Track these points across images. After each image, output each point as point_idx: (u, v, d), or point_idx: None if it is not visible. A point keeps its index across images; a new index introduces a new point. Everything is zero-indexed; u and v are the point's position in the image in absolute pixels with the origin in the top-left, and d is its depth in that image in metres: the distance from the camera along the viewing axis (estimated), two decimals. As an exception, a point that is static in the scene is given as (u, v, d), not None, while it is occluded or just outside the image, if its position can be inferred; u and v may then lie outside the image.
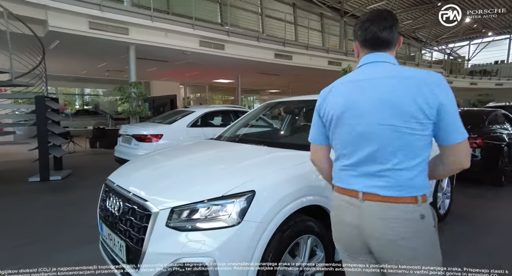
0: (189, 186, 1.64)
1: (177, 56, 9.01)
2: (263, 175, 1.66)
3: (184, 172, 1.88)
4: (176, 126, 4.96)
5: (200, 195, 1.53)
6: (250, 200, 1.49)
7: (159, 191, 1.66)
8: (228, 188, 1.51)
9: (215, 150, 2.38)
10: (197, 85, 19.09)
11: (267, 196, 1.55)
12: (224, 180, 1.63)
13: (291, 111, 3.07)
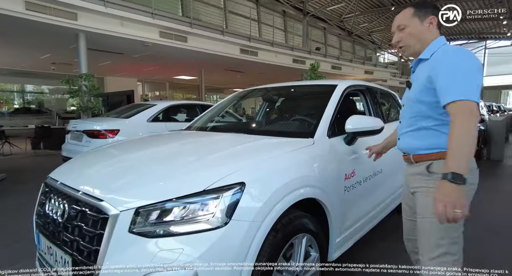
0: (158, 181, 1.28)
1: (134, 48, 8.29)
2: (252, 163, 1.37)
3: (150, 165, 1.50)
4: (134, 121, 4.44)
5: (173, 190, 1.19)
6: (239, 194, 1.19)
7: (118, 189, 1.28)
8: (211, 180, 1.19)
9: (188, 139, 2.02)
10: (157, 82, 18.06)
11: (259, 189, 1.26)
12: (204, 170, 1.31)
13: (269, 98, 2.79)
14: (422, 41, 1.25)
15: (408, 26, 1.26)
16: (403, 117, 1.36)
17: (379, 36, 23.57)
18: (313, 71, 7.68)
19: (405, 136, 1.32)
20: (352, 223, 1.91)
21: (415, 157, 1.28)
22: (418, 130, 1.25)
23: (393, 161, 2.48)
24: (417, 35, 1.25)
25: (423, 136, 1.24)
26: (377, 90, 2.83)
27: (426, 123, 1.22)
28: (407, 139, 1.31)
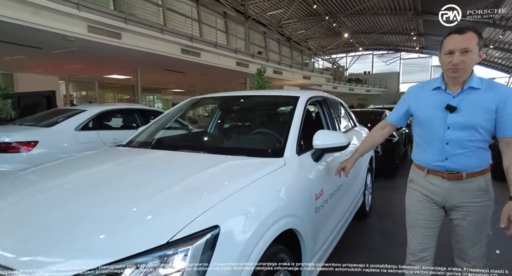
0: (98, 234, 0.94)
1: (54, 42, 7.10)
2: (222, 197, 1.12)
3: (83, 209, 1.10)
4: (58, 130, 3.71)
5: (122, 247, 0.88)
6: (213, 242, 0.95)
7: (39, 250, 0.90)
8: (175, 228, 0.92)
9: (132, 164, 1.63)
10: (84, 80, 16.06)
11: (237, 231, 1.03)
12: (163, 214, 1.01)
13: (225, 109, 2.54)
14: (469, 71, 1.37)
15: (472, 53, 1.32)
16: (451, 141, 1.41)
17: (314, 43, 25.08)
18: (260, 76, 7.65)
19: (459, 157, 1.41)
20: (321, 244, 1.80)
21: (469, 174, 1.42)
22: (475, 151, 1.40)
23: (352, 172, 2.50)
24: (473, 64, 1.35)
25: (479, 156, 1.41)
26: (330, 99, 2.83)
27: (483, 144, 1.40)
28: (463, 160, 1.41)
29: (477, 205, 1.42)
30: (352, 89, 24.48)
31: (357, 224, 3.06)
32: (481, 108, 1.35)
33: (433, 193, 1.50)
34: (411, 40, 22.55)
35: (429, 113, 1.45)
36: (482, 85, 1.37)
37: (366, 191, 3.28)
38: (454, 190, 1.44)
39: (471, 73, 1.39)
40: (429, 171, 1.50)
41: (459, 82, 1.39)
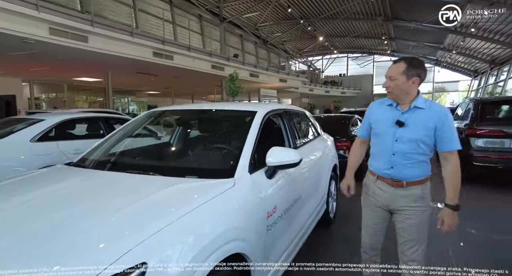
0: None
1: (12, 43, 6.70)
2: (157, 230, 1.09)
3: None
4: (10, 141, 3.49)
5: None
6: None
7: None
8: (95, 270, 0.88)
9: (71, 189, 1.55)
10: (52, 83, 15.28)
11: (169, 264, 1.01)
12: (84, 253, 0.96)
13: (183, 123, 2.49)
14: (407, 93, 1.59)
15: (397, 80, 1.58)
16: (397, 152, 1.61)
17: (291, 46, 25.40)
18: (232, 81, 7.61)
19: (402, 167, 1.61)
20: (276, 259, 1.81)
21: (409, 183, 1.62)
22: (415, 163, 1.60)
23: (310, 185, 2.54)
24: (403, 89, 1.58)
25: (420, 168, 1.62)
26: (292, 111, 2.86)
27: (424, 158, 1.61)
28: (405, 170, 1.62)
29: (415, 209, 1.63)
30: (328, 91, 25.02)
31: (321, 231, 3.12)
32: (423, 125, 1.57)
33: (380, 197, 1.71)
34: (382, 44, 23.39)
35: (384, 127, 1.67)
36: (426, 105, 1.59)
37: (330, 199, 3.35)
38: (396, 196, 1.66)
39: (417, 94, 1.61)
40: (378, 177, 1.70)
41: (405, 102, 1.61)
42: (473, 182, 4.98)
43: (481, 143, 4.73)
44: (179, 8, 15.58)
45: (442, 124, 1.54)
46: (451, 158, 1.56)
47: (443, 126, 1.54)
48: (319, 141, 3.21)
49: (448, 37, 18.06)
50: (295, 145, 2.54)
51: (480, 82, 22.10)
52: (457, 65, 24.96)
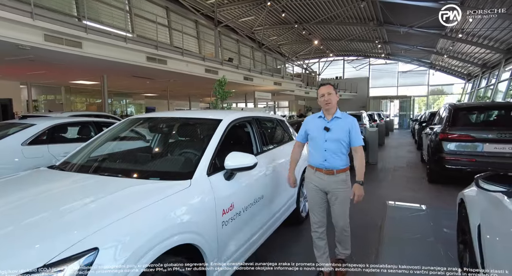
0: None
1: (8, 49, 6.94)
2: (111, 222, 1.32)
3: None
4: (3, 145, 3.73)
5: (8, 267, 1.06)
6: (89, 262, 1.15)
7: None
8: (55, 251, 1.11)
9: (46, 186, 1.79)
10: (49, 86, 15.53)
11: (116, 251, 1.24)
12: (50, 237, 1.20)
13: (157, 130, 2.74)
14: (333, 107, 2.27)
15: (332, 94, 2.26)
16: (327, 149, 2.25)
17: (287, 49, 25.69)
18: (221, 86, 7.84)
19: (331, 159, 2.25)
20: (232, 252, 2.03)
21: (338, 171, 2.25)
22: (340, 156, 2.25)
23: (275, 185, 2.77)
24: (335, 102, 2.27)
25: (342, 159, 2.26)
26: (264, 119, 3.10)
27: (345, 151, 2.28)
28: (333, 161, 2.25)
29: (341, 190, 2.27)
30: (324, 93, 25.24)
31: (292, 229, 3.34)
32: (342, 129, 2.25)
33: (318, 183, 2.32)
34: (377, 48, 23.67)
35: (316, 132, 2.31)
36: (342, 116, 2.30)
37: (301, 199, 3.57)
38: (330, 181, 2.28)
39: (336, 109, 2.29)
40: (316, 169, 2.31)
41: (330, 113, 2.29)
42: (446, 183, 5.25)
43: (453, 147, 4.96)
44: (176, 13, 15.86)
45: (352, 128, 2.24)
46: (358, 150, 2.28)
47: (353, 129, 2.24)
48: (290, 145, 3.44)
49: (439, 41, 18.34)
50: (262, 149, 2.77)
51: (473, 85, 22.38)
52: (451, 69, 25.23)
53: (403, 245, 3.09)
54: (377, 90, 28.89)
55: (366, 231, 3.39)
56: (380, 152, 9.68)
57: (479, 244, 1.94)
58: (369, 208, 4.09)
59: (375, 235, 3.28)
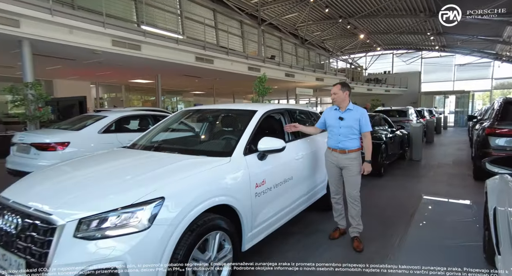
0: (98, 196, 1.69)
1: (85, 55, 8.22)
2: (172, 181, 1.82)
3: (92, 182, 1.90)
4: (85, 133, 4.61)
5: (110, 204, 1.61)
6: (159, 205, 1.65)
7: (65, 203, 1.66)
8: (138, 196, 1.63)
9: (126, 159, 2.40)
10: (112, 84, 17.55)
11: (176, 201, 1.72)
12: (134, 188, 1.73)
13: (205, 119, 3.28)
14: (344, 101, 2.86)
15: (336, 95, 2.86)
16: (341, 134, 2.84)
17: (331, 44, 25.23)
18: (261, 83, 8.26)
19: (344, 142, 2.84)
20: (263, 220, 2.45)
21: (349, 151, 2.83)
22: (351, 139, 2.83)
23: (304, 170, 3.11)
24: (342, 98, 2.85)
25: (353, 142, 2.83)
26: (295, 111, 3.46)
27: (354, 136, 2.84)
28: (346, 143, 2.83)
29: (353, 165, 2.84)
30: (371, 89, 24.36)
31: (321, 213, 3.64)
32: (353, 118, 2.83)
33: (334, 161, 2.92)
34: (429, 40, 22.07)
35: (332, 121, 2.92)
36: (354, 108, 2.88)
37: (332, 186, 3.84)
38: (343, 159, 2.86)
39: (348, 102, 2.88)
40: (333, 150, 2.92)
41: (343, 106, 2.89)
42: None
43: (502, 143, 4.76)
44: (222, 14, 16.69)
45: (361, 117, 2.82)
46: (366, 135, 2.85)
47: (362, 118, 2.82)
48: (320, 136, 3.73)
49: (506, 29, 16.54)
50: (293, 138, 3.13)
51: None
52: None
53: (429, 233, 3.22)
54: (430, 85, 26.89)
55: (396, 218, 3.55)
56: (426, 149, 9.33)
57: (495, 227, 2.07)
58: (403, 201, 4.20)
59: (404, 222, 3.44)
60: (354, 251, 2.75)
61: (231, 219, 2.10)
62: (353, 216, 2.89)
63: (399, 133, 7.26)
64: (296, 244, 2.90)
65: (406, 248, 2.82)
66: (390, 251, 2.75)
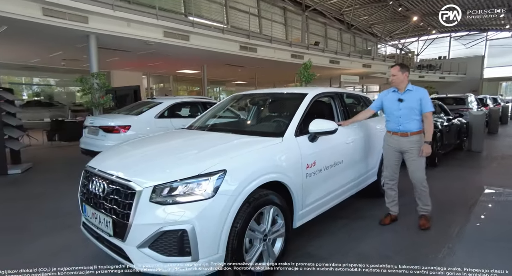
0: (168, 168, 1.89)
1: (140, 46, 8.83)
2: (232, 157, 1.96)
3: (161, 156, 2.12)
4: (143, 117, 5.04)
5: (179, 174, 1.79)
6: (222, 177, 1.79)
7: (140, 173, 1.89)
8: (203, 168, 1.80)
9: (188, 137, 2.62)
10: (161, 75, 18.62)
11: (236, 174, 1.86)
12: (199, 161, 1.90)
13: (255, 103, 3.39)
14: (403, 82, 2.79)
15: (395, 76, 2.80)
16: (401, 116, 2.78)
17: (379, 29, 23.71)
18: (306, 69, 8.14)
19: (405, 124, 2.78)
20: (313, 201, 2.51)
21: (411, 133, 2.77)
22: (412, 121, 2.77)
23: (355, 154, 3.08)
24: (400, 79, 2.79)
25: (414, 124, 2.77)
26: (347, 94, 3.41)
27: (416, 117, 2.77)
28: (407, 125, 2.77)
29: (416, 148, 2.78)
30: (423, 76, 22.58)
31: (370, 200, 3.59)
32: (413, 99, 2.76)
33: (394, 145, 2.86)
34: (498, 18, 19.58)
35: (390, 103, 2.88)
36: (413, 88, 2.81)
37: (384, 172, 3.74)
38: (404, 142, 2.81)
39: (406, 84, 2.81)
40: (393, 133, 2.87)
41: (401, 88, 2.83)
42: None
43: None
44: (265, 1, 16.56)
45: (422, 97, 2.74)
46: (428, 116, 2.75)
47: (423, 98, 2.74)
48: (372, 121, 3.63)
49: None
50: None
51: None
52: None
53: (490, 227, 3.00)
54: (495, 70, 24.09)
55: (453, 208, 3.37)
56: (489, 140, 8.50)
57: None
58: (460, 192, 3.95)
59: (462, 213, 3.25)
60: (419, 229, 2.81)
61: (283, 197, 2.20)
62: (422, 199, 2.86)
63: (457, 121, 6.71)
64: (345, 227, 2.92)
65: (465, 241, 2.66)
66: (449, 241, 2.63)
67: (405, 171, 2.90)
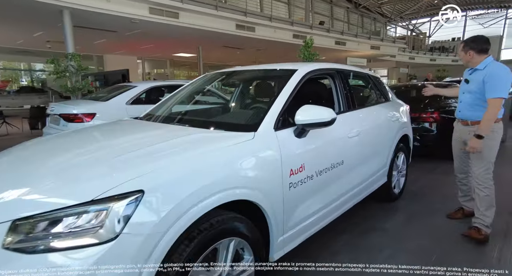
0: (44, 190, 1.16)
1: (124, 25, 7.99)
2: (161, 165, 1.23)
3: (44, 170, 1.35)
4: (112, 104, 4.30)
5: (58, 201, 1.07)
6: (134, 204, 1.07)
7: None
8: (102, 189, 1.07)
9: (116, 134, 1.87)
10: (157, 59, 17.71)
11: (163, 196, 1.14)
12: (99, 177, 1.17)
13: (230, 84, 2.61)
14: (470, 62, 2.27)
15: (459, 55, 2.39)
16: (463, 101, 2.35)
17: (389, 8, 22.21)
18: (307, 48, 7.25)
19: (464, 110, 2.34)
20: (300, 219, 1.79)
21: (472, 122, 2.29)
22: (473, 108, 2.27)
23: (360, 151, 2.33)
24: (467, 59, 2.28)
25: (476, 111, 2.25)
26: (348, 72, 2.60)
27: (478, 103, 2.23)
28: (466, 112, 2.33)
29: None
30: (434, 59, 21.25)
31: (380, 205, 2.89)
32: (477, 81, 2.21)
33: (457, 132, 2.48)
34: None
35: (462, 84, 2.41)
36: (485, 66, 2.18)
37: (395, 173, 3.00)
38: (464, 131, 2.38)
39: (480, 61, 2.21)
40: (458, 120, 2.46)
41: (470, 66, 2.30)
42: None
43: None
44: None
45: (488, 78, 2.12)
46: (490, 102, 2.13)
47: (489, 80, 2.12)
48: (383, 107, 2.86)
49: None
50: (347, 108, 2.34)
51: None
52: None
53: None
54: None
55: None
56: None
57: None
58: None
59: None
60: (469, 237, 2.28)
61: (253, 219, 1.48)
62: (477, 203, 2.30)
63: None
64: (346, 245, 2.22)
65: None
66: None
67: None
